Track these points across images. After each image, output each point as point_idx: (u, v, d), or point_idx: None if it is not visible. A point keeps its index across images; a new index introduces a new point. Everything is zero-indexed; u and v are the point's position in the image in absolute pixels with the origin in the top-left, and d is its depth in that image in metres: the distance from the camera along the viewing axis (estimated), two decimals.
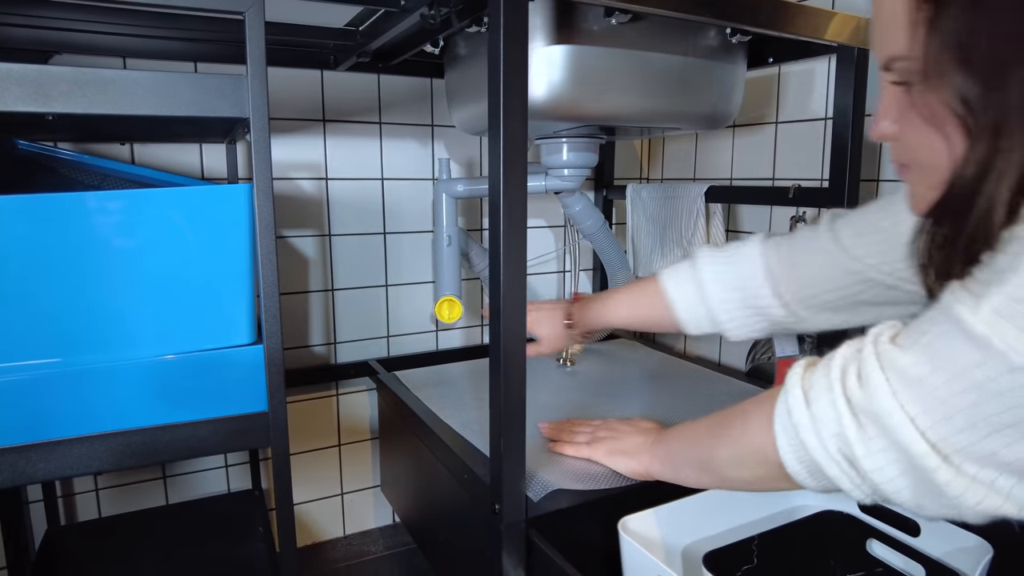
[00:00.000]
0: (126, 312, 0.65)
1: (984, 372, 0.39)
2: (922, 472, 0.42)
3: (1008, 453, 0.40)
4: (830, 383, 0.47)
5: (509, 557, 0.73)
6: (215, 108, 0.59)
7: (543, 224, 1.41)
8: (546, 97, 0.84)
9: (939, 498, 0.42)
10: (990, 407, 0.39)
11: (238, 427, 0.66)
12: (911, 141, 0.48)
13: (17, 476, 0.61)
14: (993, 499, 0.41)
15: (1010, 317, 0.38)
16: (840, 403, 0.46)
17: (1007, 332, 0.38)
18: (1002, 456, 0.40)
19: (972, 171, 0.42)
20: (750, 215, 1.25)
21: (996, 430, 0.39)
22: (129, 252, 0.63)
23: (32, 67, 0.55)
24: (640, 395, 1.07)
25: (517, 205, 0.66)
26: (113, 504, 1.12)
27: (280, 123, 1.14)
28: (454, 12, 0.78)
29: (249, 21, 0.58)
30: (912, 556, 0.68)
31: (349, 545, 1.27)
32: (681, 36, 0.89)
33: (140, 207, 0.63)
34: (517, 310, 0.67)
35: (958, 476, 0.41)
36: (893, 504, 0.46)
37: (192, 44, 1.02)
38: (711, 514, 0.73)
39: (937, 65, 0.43)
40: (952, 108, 0.42)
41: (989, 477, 0.41)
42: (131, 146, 1.04)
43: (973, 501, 0.41)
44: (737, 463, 0.58)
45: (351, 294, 1.24)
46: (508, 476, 0.71)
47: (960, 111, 0.42)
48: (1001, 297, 0.38)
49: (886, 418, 0.43)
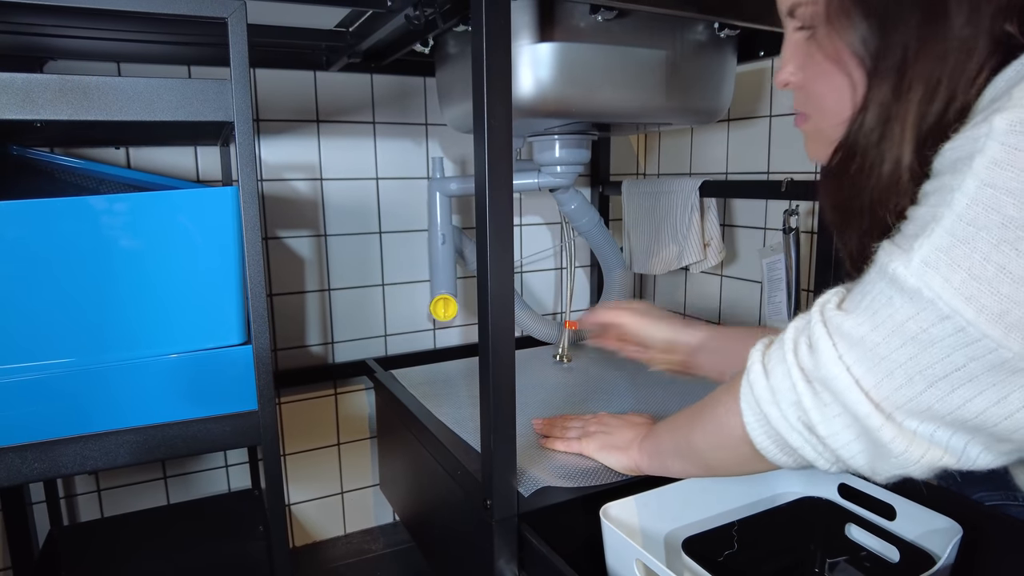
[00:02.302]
0: (123, 313, 0.66)
1: (917, 324, 0.39)
2: (869, 432, 0.43)
3: (942, 406, 0.40)
4: (784, 354, 0.48)
5: (501, 552, 0.73)
6: (200, 112, 0.59)
7: (539, 221, 1.41)
8: (534, 95, 0.85)
9: (887, 457, 0.43)
10: (924, 359, 0.40)
11: (229, 426, 0.67)
12: (815, 88, 0.49)
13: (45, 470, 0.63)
14: (934, 452, 0.42)
15: (936, 267, 0.38)
16: (795, 372, 0.46)
17: (934, 281, 0.38)
18: (937, 409, 0.40)
19: (874, 115, 0.43)
20: (745, 209, 1.25)
21: (931, 383, 0.40)
22: (122, 254, 0.65)
23: (20, 75, 0.56)
24: (636, 392, 1.07)
25: (502, 203, 0.66)
26: (115, 504, 1.14)
27: (274, 124, 1.15)
28: (439, 13, 0.79)
29: (232, 26, 0.59)
30: (888, 539, 0.70)
31: (349, 543, 1.28)
32: (669, 31, 0.89)
33: (135, 210, 0.65)
34: (505, 308, 0.68)
35: (901, 433, 0.42)
36: (853, 470, 0.47)
37: (184, 48, 1.03)
38: (693, 501, 0.74)
39: (839, 9, 0.44)
40: (854, 51, 0.44)
41: (928, 431, 0.42)
42: (126, 150, 1.05)
43: (916, 456, 0.42)
44: (715, 446, 0.58)
45: (348, 294, 1.24)
46: (499, 472, 0.72)
47: (861, 53, 0.43)
48: (928, 248, 0.39)
49: (834, 382, 0.43)
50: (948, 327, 0.38)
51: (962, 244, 0.37)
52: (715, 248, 1.20)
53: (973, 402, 0.39)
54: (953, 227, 0.38)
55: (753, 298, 1.25)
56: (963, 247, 0.37)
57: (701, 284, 1.37)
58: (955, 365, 0.39)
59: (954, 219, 0.38)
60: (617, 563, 0.67)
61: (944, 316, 0.38)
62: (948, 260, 0.38)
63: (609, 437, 0.80)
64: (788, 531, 0.77)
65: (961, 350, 0.38)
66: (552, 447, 0.84)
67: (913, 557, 0.67)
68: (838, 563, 0.76)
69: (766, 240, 1.21)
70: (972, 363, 0.38)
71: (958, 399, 0.40)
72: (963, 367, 0.38)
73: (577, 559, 0.67)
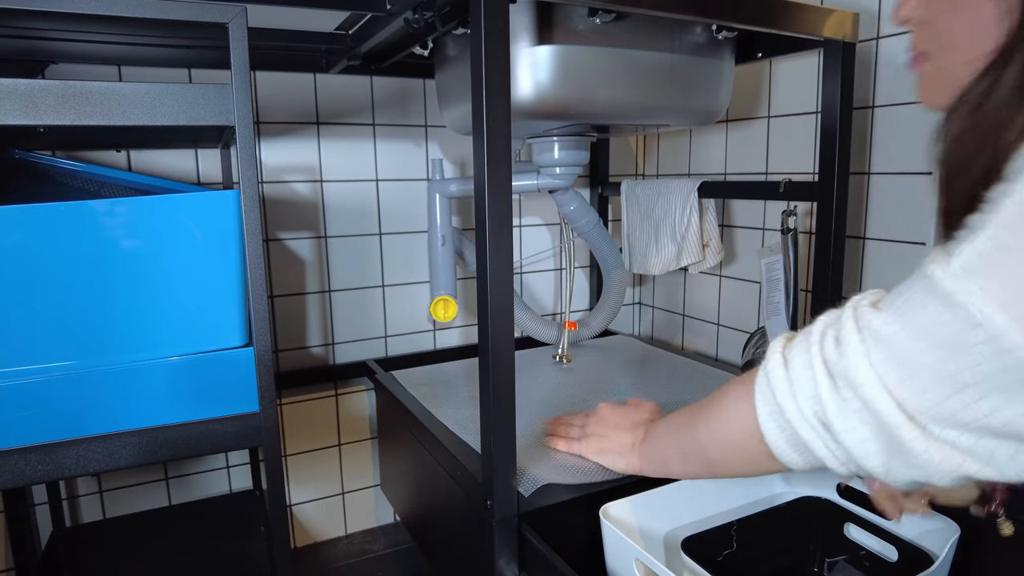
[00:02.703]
0: (125, 316, 0.66)
1: (949, 329, 0.38)
2: (889, 430, 0.42)
3: (967, 413, 0.39)
4: (808, 345, 0.47)
5: (501, 552, 0.74)
6: (201, 117, 0.60)
7: (539, 222, 1.42)
8: (533, 97, 0.85)
9: (907, 458, 0.42)
10: (952, 365, 0.38)
11: (230, 427, 0.68)
12: (945, 22, 0.44)
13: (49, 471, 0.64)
14: (956, 457, 0.41)
15: (974, 272, 0.37)
16: (817, 363, 0.45)
17: (971, 288, 0.37)
18: (962, 416, 0.39)
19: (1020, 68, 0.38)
20: (743, 210, 1.25)
21: (958, 390, 0.39)
22: (124, 257, 0.65)
23: (23, 81, 0.57)
24: (637, 391, 1.07)
25: (501, 205, 0.66)
26: (117, 506, 1.14)
27: (274, 127, 1.15)
28: (438, 16, 0.79)
29: (232, 31, 0.59)
30: (886, 538, 0.70)
31: (351, 544, 1.29)
32: (667, 33, 0.90)
33: (136, 214, 0.65)
34: (504, 309, 0.68)
35: (923, 434, 0.41)
36: (866, 472, 0.45)
37: (185, 51, 1.04)
38: (693, 501, 0.74)
39: None
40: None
41: (951, 436, 0.41)
42: (127, 153, 1.06)
43: (937, 459, 0.41)
44: (722, 442, 0.57)
45: (348, 295, 1.25)
46: (499, 472, 0.72)
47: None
48: (968, 253, 0.37)
49: (856, 375, 0.42)
50: (980, 334, 0.37)
51: (1002, 252, 0.36)
52: (714, 248, 1.20)
53: (1001, 411, 0.38)
54: (996, 234, 0.36)
55: (752, 298, 1.25)
56: (1003, 255, 0.36)
57: (700, 284, 1.38)
58: (984, 374, 0.37)
59: (998, 226, 0.36)
60: (617, 563, 0.67)
61: (976, 323, 0.37)
62: (986, 266, 0.37)
63: (607, 441, 0.79)
64: (787, 531, 0.77)
65: (992, 359, 0.37)
66: (554, 446, 0.85)
67: (911, 556, 0.67)
68: (837, 562, 0.77)
69: (764, 241, 1.21)
70: (1002, 373, 0.37)
71: (985, 407, 0.38)
72: (992, 376, 0.37)
73: (578, 559, 0.67)
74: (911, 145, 0.95)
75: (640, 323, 1.58)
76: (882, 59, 0.98)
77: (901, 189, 0.97)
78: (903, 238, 0.97)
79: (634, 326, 1.58)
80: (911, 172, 0.96)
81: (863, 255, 1.03)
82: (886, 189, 0.99)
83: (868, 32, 0.99)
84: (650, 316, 1.54)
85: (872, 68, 0.99)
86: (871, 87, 1.00)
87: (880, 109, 0.99)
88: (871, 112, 1.00)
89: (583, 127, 1.04)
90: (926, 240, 0.93)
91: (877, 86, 0.99)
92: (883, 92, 0.98)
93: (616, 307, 1.35)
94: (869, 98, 1.00)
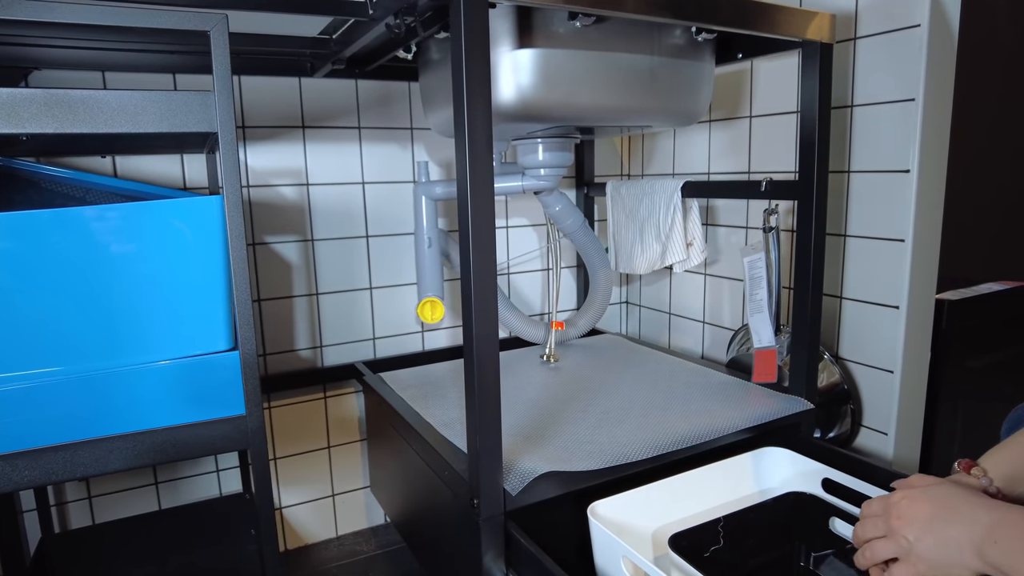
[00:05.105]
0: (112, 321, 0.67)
1: None
2: None
3: None
4: None
5: (488, 550, 0.75)
6: (184, 124, 0.60)
7: (525, 223, 1.43)
8: (515, 100, 0.86)
9: None
10: None
11: (217, 430, 0.68)
12: None
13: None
14: None
15: None
16: None
17: None
18: None
19: None
20: (727, 209, 1.27)
21: None
22: (109, 263, 0.65)
23: (5, 90, 0.57)
24: (623, 389, 1.08)
25: (484, 206, 0.67)
26: (106, 511, 1.14)
27: (260, 131, 1.15)
28: (419, 21, 0.80)
29: (214, 38, 0.60)
30: None
31: (341, 545, 1.29)
32: (647, 36, 0.91)
33: (121, 220, 0.66)
34: (488, 310, 0.69)
35: None
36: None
37: (169, 56, 1.04)
38: (680, 498, 0.75)
39: None
40: None
41: None
42: (113, 159, 1.06)
43: None
44: None
45: (335, 298, 1.25)
46: (485, 471, 0.73)
47: None
48: None
49: None
50: None
51: None
52: (698, 247, 1.21)
53: None
54: None
55: (736, 296, 1.27)
56: None
57: (685, 283, 1.39)
58: None
59: None
60: (605, 560, 0.68)
61: None
62: None
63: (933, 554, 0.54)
64: (773, 526, 0.78)
65: None
66: (862, 566, 0.62)
67: None
68: (825, 556, 0.78)
69: (747, 239, 1.23)
70: None
71: None
72: None
73: (567, 556, 0.68)
74: (890, 143, 0.97)
75: (627, 322, 1.59)
76: (860, 59, 0.99)
77: (880, 186, 0.99)
78: (883, 235, 0.99)
79: (621, 325, 1.60)
80: (890, 170, 0.97)
81: (844, 252, 1.05)
82: (866, 187, 1.01)
83: (846, 33, 1.00)
84: (636, 315, 1.56)
85: (850, 68, 1.01)
86: (849, 87, 1.01)
87: (859, 108, 1.01)
88: (850, 111, 1.02)
89: (567, 129, 1.05)
90: (904, 237, 0.95)
91: (856, 85, 1.01)
92: (862, 91, 1.00)
93: (603, 306, 1.37)
94: (848, 97, 1.02)
